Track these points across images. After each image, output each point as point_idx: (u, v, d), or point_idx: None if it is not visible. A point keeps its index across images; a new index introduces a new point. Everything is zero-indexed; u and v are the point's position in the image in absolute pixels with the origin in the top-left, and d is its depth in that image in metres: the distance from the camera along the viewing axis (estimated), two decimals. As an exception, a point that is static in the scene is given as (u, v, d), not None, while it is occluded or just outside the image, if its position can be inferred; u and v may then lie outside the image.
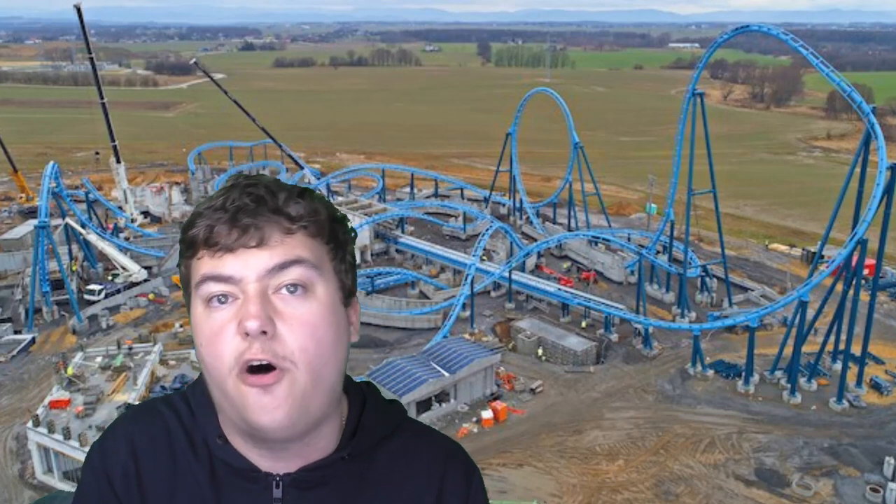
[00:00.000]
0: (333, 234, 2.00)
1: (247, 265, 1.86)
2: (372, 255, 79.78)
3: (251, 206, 1.90)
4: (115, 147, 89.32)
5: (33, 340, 60.72)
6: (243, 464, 2.02)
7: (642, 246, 73.53)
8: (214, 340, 1.86)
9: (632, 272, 71.70)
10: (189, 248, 1.95)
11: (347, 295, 2.04)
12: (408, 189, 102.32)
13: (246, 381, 1.83)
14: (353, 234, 2.11)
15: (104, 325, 63.25)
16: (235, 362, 1.83)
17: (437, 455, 2.26)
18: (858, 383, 52.61)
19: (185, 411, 2.12)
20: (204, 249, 1.91)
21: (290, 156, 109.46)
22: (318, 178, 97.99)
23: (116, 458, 2.10)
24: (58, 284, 65.28)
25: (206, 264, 1.90)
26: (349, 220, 2.12)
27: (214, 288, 1.88)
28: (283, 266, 1.88)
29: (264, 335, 1.81)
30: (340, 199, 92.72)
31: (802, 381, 52.87)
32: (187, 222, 1.96)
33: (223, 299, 1.88)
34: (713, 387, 53.68)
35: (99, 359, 50.60)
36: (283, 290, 1.88)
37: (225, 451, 2.04)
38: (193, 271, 1.94)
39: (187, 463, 2.06)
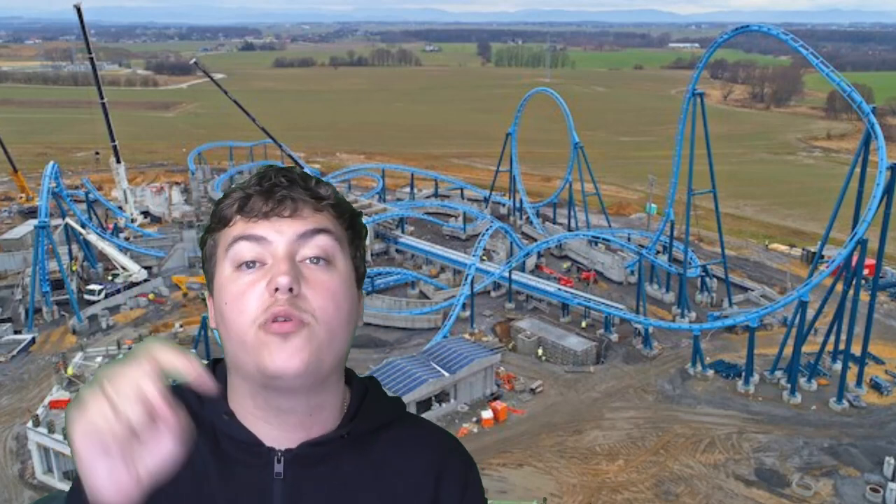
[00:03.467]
0: (352, 221, 2.17)
1: (280, 230, 2.01)
2: (372, 255, 79.75)
3: (285, 183, 2.07)
4: (115, 147, 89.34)
5: (33, 340, 60.71)
6: (247, 437, 2.10)
7: (642, 246, 73.56)
8: (241, 297, 1.97)
9: (632, 272, 71.71)
10: (220, 222, 2.09)
11: (359, 280, 2.18)
12: (408, 189, 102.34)
13: (269, 329, 1.92)
14: (366, 231, 2.26)
15: (104, 325, 63.27)
16: (261, 314, 1.93)
17: (435, 446, 2.33)
18: (858, 383, 52.62)
19: (194, 399, 2.17)
20: (238, 216, 2.05)
21: (290, 156, 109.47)
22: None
23: None
24: (58, 284, 65.26)
25: (239, 228, 2.04)
26: (363, 216, 2.26)
27: (246, 248, 2.01)
28: (313, 232, 2.04)
29: (291, 292, 1.94)
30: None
31: (802, 381, 52.88)
32: (220, 199, 2.11)
33: (252, 265, 2.00)
34: (713, 387, 53.70)
35: (99, 359, 50.60)
36: (308, 262, 2.02)
37: (230, 426, 2.11)
38: (224, 237, 2.07)
39: (194, 442, 2.11)
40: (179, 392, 2.18)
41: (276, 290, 1.93)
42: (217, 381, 2.16)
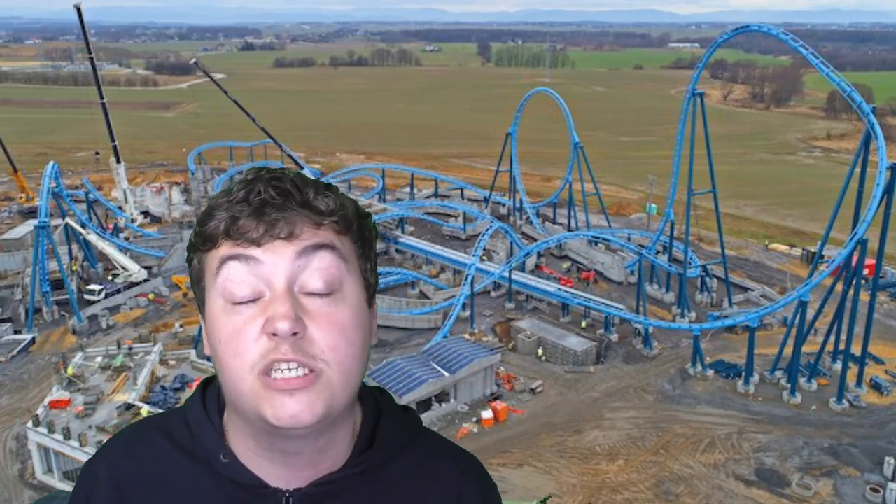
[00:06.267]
0: (360, 230, 1.90)
1: (275, 250, 1.74)
2: (372, 255, 79.63)
3: (277, 199, 1.76)
4: (115, 147, 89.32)
5: (33, 340, 60.70)
6: (251, 480, 1.92)
7: (642, 246, 73.51)
8: (236, 338, 1.73)
9: (632, 272, 71.70)
10: (206, 242, 1.81)
11: (371, 295, 1.95)
12: (408, 189, 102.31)
13: (272, 384, 1.71)
14: (376, 232, 2.02)
15: (104, 325, 63.25)
16: (259, 360, 1.71)
17: (453, 472, 2.17)
18: (858, 383, 52.60)
19: (184, 433, 2.00)
20: (225, 241, 1.77)
21: (290, 156, 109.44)
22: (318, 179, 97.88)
23: (99, 485, 2.02)
24: (58, 284, 65.25)
25: (227, 249, 1.79)
26: (372, 217, 2.02)
27: (236, 274, 1.77)
28: (313, 248, 1.76)
29: (294, 336, 1.70)
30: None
31: (802, 381, 52.87)
32: (204, 215, 1.82)
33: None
34: (713, 387, 53.68)
35: (99, 359, 50.57)
36: (311, 293, 1.77)
37: (231, 469, 1.92)
38: (211, 259, 1.81)
39: (186, 487, 1.95)
40: (165, 426, 2.02)
41: (275, 333, 1.70)
42: (210, 410, 1.97)
